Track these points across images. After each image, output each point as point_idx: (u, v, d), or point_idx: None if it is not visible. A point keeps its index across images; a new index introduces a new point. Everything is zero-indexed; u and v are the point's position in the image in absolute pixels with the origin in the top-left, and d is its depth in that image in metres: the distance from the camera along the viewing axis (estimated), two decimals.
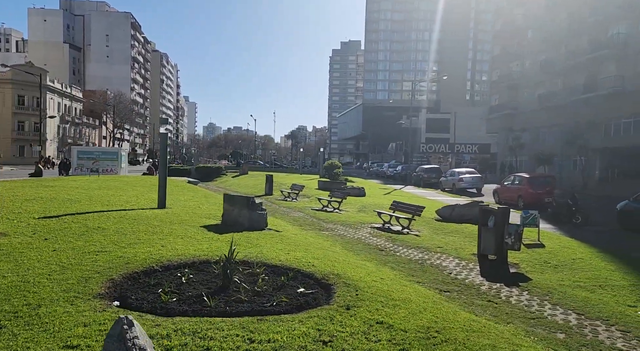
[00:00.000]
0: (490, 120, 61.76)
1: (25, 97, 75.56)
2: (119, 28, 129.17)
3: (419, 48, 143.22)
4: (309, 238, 11.35)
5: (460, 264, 10.02)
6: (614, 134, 39.57)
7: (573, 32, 44.03)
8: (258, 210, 10.94)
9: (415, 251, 11.12)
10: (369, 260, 9.77)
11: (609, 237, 14.69)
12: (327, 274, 6.92)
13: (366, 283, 6.68)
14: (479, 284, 8.48)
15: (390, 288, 6.75)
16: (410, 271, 9.06)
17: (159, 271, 6.33)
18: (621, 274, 9.23)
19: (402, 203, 15.35)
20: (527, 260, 10.39)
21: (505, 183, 25.16)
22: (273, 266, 7.13)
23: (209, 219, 11.65)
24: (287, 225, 13.47)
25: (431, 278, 8.66)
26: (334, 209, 18.75)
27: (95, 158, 32.45)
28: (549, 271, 9.51)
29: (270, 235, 10.13)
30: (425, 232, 13.93)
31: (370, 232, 13.57)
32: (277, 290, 5.89)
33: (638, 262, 10.63)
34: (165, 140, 13.23)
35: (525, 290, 8.19)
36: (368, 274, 7.56)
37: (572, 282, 8.69)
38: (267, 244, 8.95)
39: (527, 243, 12.12)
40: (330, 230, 13.74)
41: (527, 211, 12.66)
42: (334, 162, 39.32)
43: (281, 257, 7.79)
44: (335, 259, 8.48)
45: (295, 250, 8.73)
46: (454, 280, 8.66)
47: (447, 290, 7.95)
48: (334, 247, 10.78)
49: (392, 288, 6.80)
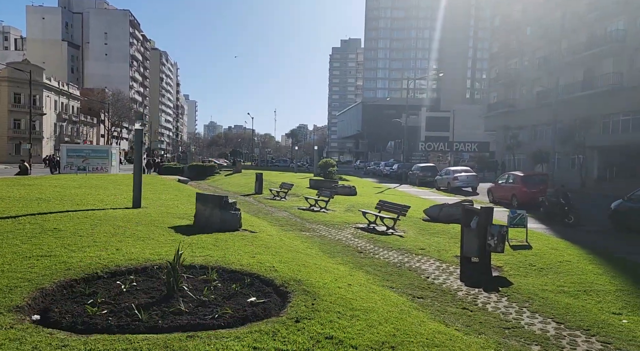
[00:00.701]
0: (488, 118, 61.28)
1: (22, 95, 75.09)
2: (117, 26, 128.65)
3: (419, 46, 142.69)
4: (284, 239, 10.89)
5: (440, 267, 9.56)
6: (612, 132, 39.07)
7: (571, 29, 43.48)
8: (231, 210, 10.48)
9: (396, 253, 10.66)
10: (344, 263, 9.32)
11: (601, 237, 14.22)
12: (289, 280, 6.46)
13: (328, 291, 6.22)
14: (456, 289, 8.02)
15: (355, 296, 6.29)
16: (385, 276, 8.60)
17: (103, 278, 5.88)
18: (608, 278, 8.76)
19: (388, 203, 14.89)
20: (512, 263, 9.93)
21: (500, 182, 24.69)
22: (232, 271, 6.67)
23: (182, 219, 11.20)
24: (267, 226, 13.02)
25: (406, 282, 8.20)
26: (321, 208, 18.30)
27: (85, 156, 31.98)
28: (532, 275, 9.05)
29: (242, 237, 9.67)
30: (411, 232, 13.47)
31: (353, 233, 13.11)
32: (227, 299, 5.43)
33: (626, 263, 10.16)
34: (140, 136, 12.77)
35: (504, 296, 7.73)
36: (335, 279, 7.10)
37: (556, 287, 8.23)
38: (235, 246, 8.50)
39: (513, 245, 11.66)
40: (311, 231, 13.28)
41: (515, 211, 12.20)
42: (328, 160, 38.85)
43: (244, 260, 7.34)
44: (304, 263, 8.02)
45: (264, 252, 8.28)
46: (430, 284, 8.20)
47: (421, 296, 7.49)
48: (310, 249, 10.33)
49: (358, 296, 6.34)
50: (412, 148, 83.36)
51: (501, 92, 57.08)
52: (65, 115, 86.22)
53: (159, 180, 25.87)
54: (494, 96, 60.06)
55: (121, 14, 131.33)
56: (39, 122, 76.15)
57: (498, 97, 57.93)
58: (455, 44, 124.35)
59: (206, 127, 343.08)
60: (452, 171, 31.71)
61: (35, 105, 76.21)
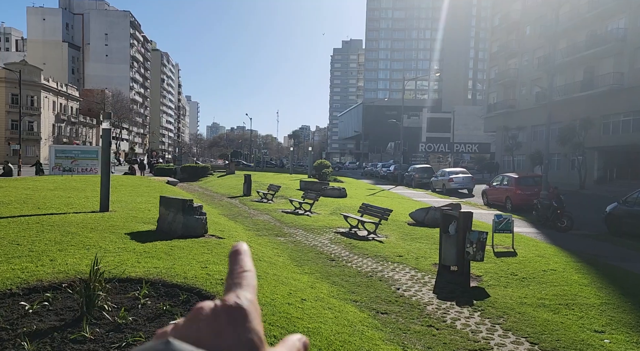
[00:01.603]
0: (488, 118, 60.54)
1: (20, 96, 74.61)
2: (118, 27, 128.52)
3: (420, 47, 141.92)
4: (253, 246, 10.26)
5: (415, 277, 8.91)
6: (613, 132, 38.32)
7: (571, 28, 42.74)
8: (196, 214, 9.86)
9: (371, 261, 10.02)
10: (311, 273, 8.69)
11: (595, 242, 13.54)
12: None
13: (274, 308, 5.59)
14: (426, 302, 7.37)
15: (304, 314, 5.66)
16: (352, 287, 7.96)
17: (17, 296, 5.26)
18: (594, 289, 8.10)
19: (370, 206, 14.24)
20: (493, 272, 9.27)
21: (494, 183, 24.00)
22: (171, 285, 6.04)
23: (147, 225, 10.58)
24: (240, 231, 12.39)
25: (373, 295, 7.56)
26: (305, 211, 17.66)
27: (74, 157, 31.43)
28: (513, 286, 8.39)
29: (203, 244, 9.04)
30: (393, 237, 12.82)
31: (331, 238, 12.47)
32: (150, 320, 4.81)
33: (616, 272, 9.49)
34: (108, 136, 12.16)
35: (478, 310, 7.08)
36: (289, 294, 6.47)
37: (536, 299, 7.58)
38: (189, 255, 7.88)
39: (498, 251, 11.01)
40: (288, 236, 12.65)
41: (500, 215, 11.54)
42: (323, 161, 38.25)
43: (191, 272, 6.71)
44: (262, 273, 7.39)
45: (220, 262, 7.65)
46: (399, 297, 7.55)
47: (385, 311, 6.85)
48: (278, 257, 9.70)
49: (307, 314, 5.71)
50: (413, 150, 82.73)
51: (501, 93, 56.34)
52: (63, 116, 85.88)
53: (144, 182, 25.29)
54: (493, 97, 59.31)
55: (122, 15, 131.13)
56: (36, 122, 75.85)
57: (497, 98, 57.18)
58: (457, 44, 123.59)
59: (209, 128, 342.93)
60: (447, 172, 31.03)
61: (33, 106, 75.97)
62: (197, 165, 40.06)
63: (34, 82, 75.29)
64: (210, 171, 39.49)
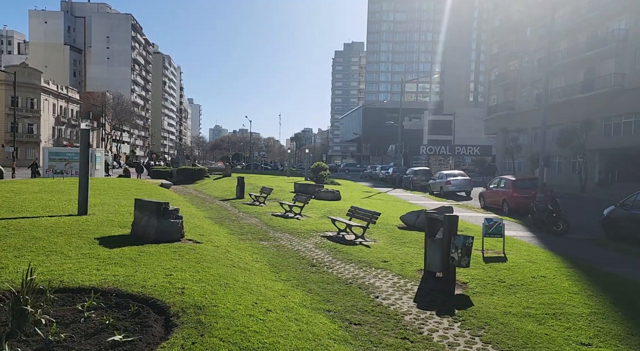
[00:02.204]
0: (488, 121, 60.07)
1: (19, 99, 74.65)
2: (119, 29, 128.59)
3: (422, 49, 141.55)
4: (232, 251, 9.87)
5: (397, 284, 8.50)
6: (614, 134, 37.80)
7: (572, 29, 42.32)
8: (171, 218, 9.48)
9: (354, 266, 9.61)
10: (287, 280, 8.29)
11: (590, 247, 13.09)
12: (189, 306, 5.44)
13: (231, 321, 5.19)
14: (405, 312, 6.96)
15: (264, 327, 5.26)
16: (328, 295, 7.55)
17: None
18: (584, 298, 7.67)
19: (359, 209, 13.85)
20: (480, 278, 8.85)
21: (491, 186, 23.54)
22: (126, 296, 5.66)
23: (122, 229, 10.21)
24: (222, 235, 12.00)
25: (349, 304, 7.15)
26: (295, 214, 17.28)
27: (67, 159, 31.15)
28: (499, 294, 7.97)
29: (176, 249, 8.66)
30: (381, 241, 12.41)
31: (317, 242, 12.07)
32: (87, 337, 4.42)
33: (609, 278, 9.05)
34: (86, 137, 11.81)
35: (458, 321, 6.67)
36: (254, 304, 6.07)
37: (522, 309, 7.16)
38: (156, 262, 7.49)
39: (488, 257, 10.60)
40: (272, 240, 12.25)
41: (491, 219, 11.11)
42: (320, 163, 37.88)
43: (152, 281, 6.32)
44: (231, 281, 7.00)
45: (188, 269, 7.26)
46: (376, 306, 7.14)
47: (359, 321, 6.43)
48: (255, 263, 9.30)
49: (269, 326, 5.31)
50: (414, 152, 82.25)
51: (501, 94, 55.89)
52: (64, 119, 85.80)
53: (136, 185, 24.95)
54: (494, 98, 58.84)
55: (123, 18, 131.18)
56: (36, 125, 75.76)
57: (498, 99, 56.73)
58: (458, 46, 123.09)
59: (211, 131, 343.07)
60: (445, 175, 30.58)
61: (32, 109, 75.87)
62: (193, 168, 39.74)
63: (33, 84, 75.22)
64: (206, 173, 39.16)
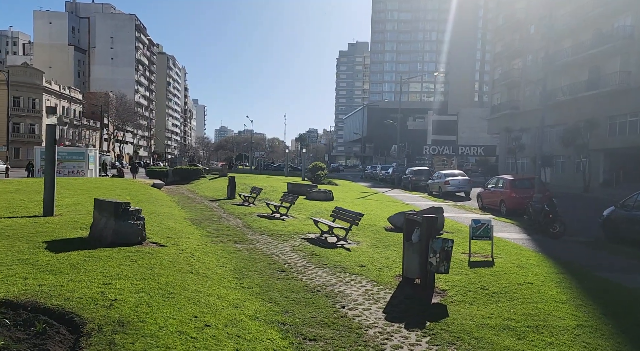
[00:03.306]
0: (491, 120, 59.17)
1: (21, 99, 74.61)
2: (123, 30, 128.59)
3: (426, 48, 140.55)
4: (197, 255, 9.22)
5: (370, 292, 7.82)
6: (619, 133, 36.84)
7: (576, 26, 41.38)
8: (131, 219, 8.85)
9: (327, 272, 8.94)
10: (248, 288, 7.63)
11: (587, 250, 12.32)
12: (111, 323, 4.79)
13: (155, 341, 4.54)
14: (369, 325, 6.27)
15: (193, 347, 4.61)
16: (289, 305, 6.88)
17: None
18: (572, 308, 6.95)
19: (343, 210, 13.18)
20: (461, 285, 8.15)
21: (489, 186, 22.79)
22: (42, 310, 5.03)
23: (82, 231, 9.60)
24: (194, 237, 11.36)
25: (309, 315, 6.47)
26: (282, 215, 16.64)
27: (60, 159, 30.66)
28: (480, 302, 7.27)
29: (129, 254, 8.02)
30: (364, 244, 11.73)
31: (295, 245, 11.41)
32: None
33: (603, 285, 8.29)
34: (52, 133, 11.22)
35: (428, 335, 5.98)
36: (195, 317, 5.42)
37: (502, 320, 6.46)
38: (98, 269, 6.85)
39: (474, 261, 9.89)
40: (248, 243, 11.60)
41: (478, 221, 10.40)
42: (317, 163, 37.27)
43: (81, 292, 5.67)
44: (179, 290, 6.35)
45: (134, 277, 6.62)
46: (339, 318, 6.45)
47: (315, 337, 5.76)
48: (220, 268, 8.65)
49: (200, 345, 4.66)
50: (418, 152, 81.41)
51: (505, 93, 54.97)
52: (66, 119, 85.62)
53: (125, 185, 24.42)
54: (497, 97, 57.92)
55: (127, 19, 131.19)
56: (38, 125, 75.58)
57: (501, 99, 55.81)
58: (463, 46, 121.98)
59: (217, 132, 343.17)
60: (443, 175, 29.83)
61: (34, 109, 75.75)
62: (189, 168, 39.24)
63: (35, 84, 75.08)
64: (202, 174, 38.64)
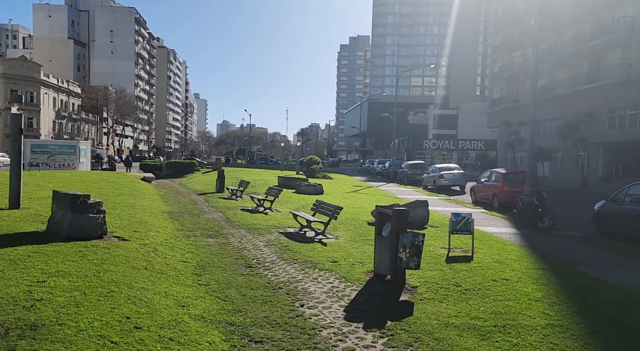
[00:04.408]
0: (491, 114, 58.55)
1: (19, 92, 74.26)
2: (123, 23, 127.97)
3: (428, 42, 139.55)
4: (160, 250, 8.82)
5: (335, 289, 7.41)
6: (619, 127, 36.26)
7: (577, 18, 40.70)
8: (90, 212, 8.45)
9: (296, 268, 8.54)
10: (205, 284, 7.23)
11: (575, 245, 11.88)
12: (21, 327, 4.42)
13: (67, 347, 4.14)
14: (325, 325, 5.86)
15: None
16: (243, 304, 6.46)
17: None
18: (544, 306, 6.53)
19: (324, 204, 12.77)
20: (434, 282, 7.73)
21: (482, 180, 22.35)
22: None
23: (42, 225, 9.20)
24: (165, 231, 10.96)
25: (262, 315, 6.06)
26: (266, 209, 16.25)
27: (50, 152, 30.37)
28: (450, 300, 6.85)
29: (81, 249, 7.62)
30: (343, 238, 11.32)
31: (271, 240, 11.00)
32: None
33: (583, 281, 7.84)
34: (17, 122, 10.82)
35: (386, 336, 5.56)
36: (127, 318, 5.02)
37: (468, 319, 6.04)
38: (38, 266, 6.48)
39: (453, 256, 9.47)
40: (222, 237, 11.20)
41: (459, 214, 9.97)
42: (312, 157, 36.92)
43: (6, 291, 5.29)
44: (122, 288, 5.95)
45: (76, 274, 6.23)
46: (294, 318, 6.04)
47: (261, 338, 5.35)
48: (182, 264, 8.25)
49: (120, 350, 4.25)
50: (418, 147, 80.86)
51: (504, 87, 54.32)
52: (64, 113, 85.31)
53: (110, 178, 24.05)
54: (497, 91, 57.29)
55: (127, 12, 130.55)
56: (36, 119, 75.30)
57: (501, 92, 55.17)
58: (465, 39, 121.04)
59: (219, 126, 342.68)
60: (438, 169, 29.37)
61: (32, 102, 75.41)
62: (183, 161, 38.86)
63: (33, 78, 74.73)
64: (196, 167, 38.25)
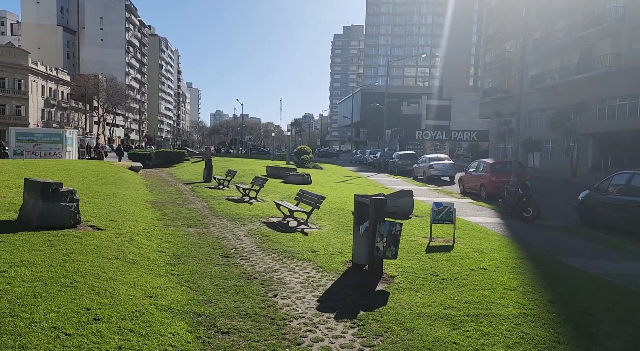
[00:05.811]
0: (482, 104, 58.51)
1: (6, 80, 73.27)
2: (113, 10, 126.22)
3: (422, 32, 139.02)
4: (135, 240, 8.69)
5: (312, 279, 7.32)
6: (608, 118, 36.32)
7: (569, 7, 40.59)
8: (62, 201, 8.28)
9: (274, 258, 8.44)
10: (178, 274, 7.12)
11: (557, 235, 11.86)
12: None
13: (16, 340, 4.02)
14: (296, 315, 5.77)
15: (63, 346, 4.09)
16: (215, 294, 6.35)
17: None
18: (519, 295, 6.48)
19: (307, 193, 12.66)
20: (412, 271, 7.66)
21: (470, 170, 22.31)
22: None
23: (14, 214, 9.02)
24: (144, 221, 10.81)
25: (232, 306, 5.95)
26: (251, 199, 16.13)
27: (36, 140, 30.00)
28: (426, 289, 6.78)
29: (51, 238, 7.48)
30: (326, 228, 11.23)
31: (252, 229, 10.89)
32: None
33: (561, 271, 7.81)
34: None
35: (357, 326, 5.48)
36: (87, 309, 4.91)
37: (442, 309, 5.97)
38: (1, 256, 6.32)
39: (434, 245, 9.42)
40: (202, 227, 11.07)
41: (440, 203, 9.90)
42: (303, 147, 36.76)
43: None
44: (88, 278, 5.83)
45: (40, 264, 6.10)
46: (265, 308, 5.95)
47: (229, 329, 5.24)
48: (156, 253, 8.12)
49: (73, 343, 4.14)
50: (411, 137, 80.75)
51: (496, 77, 54.23)
52: (53, 101, 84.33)
53: (95, 167, 23.79)
54: (489, 81, 57.20)
55: None
56: (24, 107, 74.42)
57: (493, 82, 55.09)
58: (459, 29, 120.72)
59: (212, 116, 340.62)
60: (428, 159, 29.32)
61: (20, 90, 74.48)
62: (172, 151, 38.56)
63: (20, 65, 73.70)
64: (186, 157, 37.97)
